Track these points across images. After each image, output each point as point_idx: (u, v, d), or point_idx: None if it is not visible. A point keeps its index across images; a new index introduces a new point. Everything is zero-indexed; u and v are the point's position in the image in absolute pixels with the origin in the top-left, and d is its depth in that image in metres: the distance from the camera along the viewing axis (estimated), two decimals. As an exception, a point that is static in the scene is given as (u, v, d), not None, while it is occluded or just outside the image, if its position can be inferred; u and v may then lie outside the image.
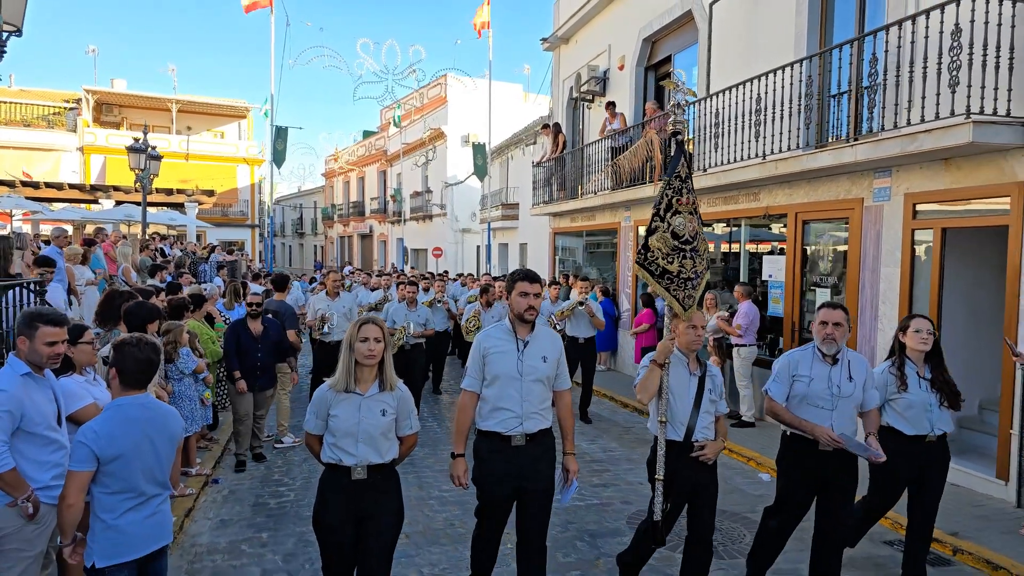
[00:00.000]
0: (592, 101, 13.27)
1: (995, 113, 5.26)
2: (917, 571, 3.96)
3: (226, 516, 5.17)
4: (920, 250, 6.31)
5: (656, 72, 11.73)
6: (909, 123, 5.71)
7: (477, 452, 3.45)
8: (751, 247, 9.08)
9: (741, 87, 7.89)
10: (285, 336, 6.57)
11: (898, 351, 3.98)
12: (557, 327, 8.14)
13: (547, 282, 10.90)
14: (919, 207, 6.27)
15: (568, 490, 3.55)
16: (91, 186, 20.63)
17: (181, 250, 16.33)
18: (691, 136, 9.23)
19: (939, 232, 6.08)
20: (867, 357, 6.67)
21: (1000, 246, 5.59)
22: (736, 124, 8.01)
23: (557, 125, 14.12)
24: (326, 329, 7.61)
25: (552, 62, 15.42)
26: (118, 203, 19.40)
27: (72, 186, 19.66)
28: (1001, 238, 5.56)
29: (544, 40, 14.98)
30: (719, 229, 9.67)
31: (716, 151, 8.41)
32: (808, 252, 7.83)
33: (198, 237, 22.38)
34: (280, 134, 18.17)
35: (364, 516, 3.04)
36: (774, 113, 7.34)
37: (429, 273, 15.66)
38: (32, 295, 5.18)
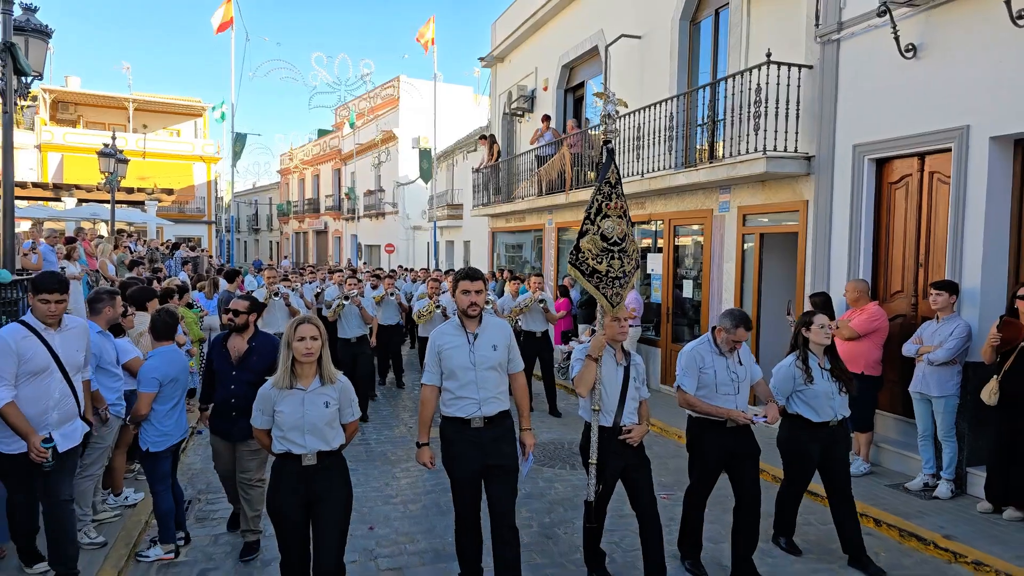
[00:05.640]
0: (522, 116, 15.07)
1: (785, 150, 7.22)
2: (856, 542, 4.32)
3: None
4: (747, 250, 8.29)
5: (574, 94, 13.60)
6: (732, 155, 7.66)
7: (443, 435, 3.70)
8: (642, 245, 11.01)
9: (630, 115, 9.76)
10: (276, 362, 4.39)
11: (802, 346, 4.32)
12: (517, 323, 8.35)
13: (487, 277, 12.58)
14: (747, 217, 8.24)
15: (525, 463, 3.79)
16: (54, 185, 21.44)
17: (144, 246, 17.47)
18: (594, 153, 11.11)
19: (759, 237, 8.07)
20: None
21: (796, 248, 7.59)
22: (625, 146, 9.90)
23: (492, 136, 15.87)
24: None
25: (490, 78, 17.15)
26: (80, 201, 20.32)
27: (35, 184, 20.47)
28: (796, 242, 7.56)
29: (482, 59, 16.70)
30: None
31: (611, 168, 10.27)
32: (678, 251, 9.78)
33: (157, 234, 23.36)
34: (239, 139, 19.46)
35: (314, 499, 3.25)
36: (653, 139, 9.22)
37: (379, 269, 16.86)
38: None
